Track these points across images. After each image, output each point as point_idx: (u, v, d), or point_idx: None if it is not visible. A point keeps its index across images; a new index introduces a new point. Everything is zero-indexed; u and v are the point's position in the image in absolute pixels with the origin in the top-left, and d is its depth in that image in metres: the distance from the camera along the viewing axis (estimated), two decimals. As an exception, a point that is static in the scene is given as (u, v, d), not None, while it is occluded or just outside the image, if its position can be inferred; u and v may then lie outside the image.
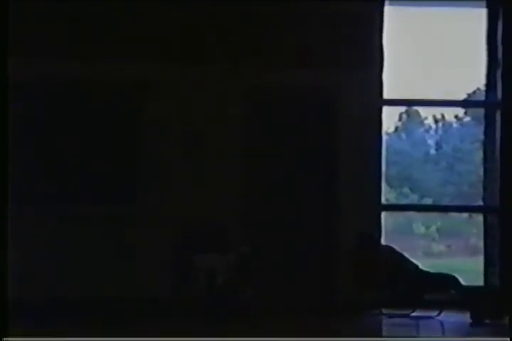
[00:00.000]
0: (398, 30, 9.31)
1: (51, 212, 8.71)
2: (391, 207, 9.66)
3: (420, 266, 8.51)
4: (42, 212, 8.69)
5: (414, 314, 8.30)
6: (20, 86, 8.42)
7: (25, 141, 8.58)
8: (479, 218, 9.63)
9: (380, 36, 9.24)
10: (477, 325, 7.89)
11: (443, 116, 10.33)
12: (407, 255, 8.59)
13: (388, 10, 9.29)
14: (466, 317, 8.04)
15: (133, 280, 8.56)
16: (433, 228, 10.54)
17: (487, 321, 7.96)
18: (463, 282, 8.41)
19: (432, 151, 10.41)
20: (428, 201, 10.14)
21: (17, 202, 8.21)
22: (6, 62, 5.27)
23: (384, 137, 9.41)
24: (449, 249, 10.65)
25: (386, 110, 9.40)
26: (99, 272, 8.57)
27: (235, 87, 8.96)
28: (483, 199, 9.60)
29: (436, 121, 10.36)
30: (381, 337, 7.60)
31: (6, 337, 4.91)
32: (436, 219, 10.42)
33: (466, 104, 10.02)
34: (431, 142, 10.41)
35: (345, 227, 8.90)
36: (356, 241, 8.53)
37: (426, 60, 9.41)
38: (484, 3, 9.50)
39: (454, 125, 10.38)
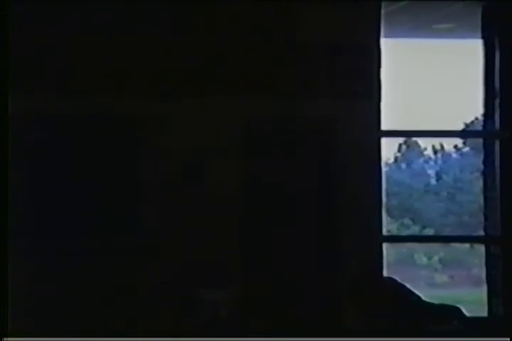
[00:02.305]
0: (396, 62, 9.36)
1: (46, 246, 8.68)
2: (393, 239, 9.64)
3: (423, 298, 8.45)
4: (37, 246, 8.66)
5: (418, 346, 8.22)
6: (16, 119, 8.49)
7: (21, 174, 8.62)
8: (481, 248, 9.60)
9: (379, 68, 9.28)
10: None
11: (442, 147, 10.37)
12: (409, 286, 8.52)
13: (386, 42, 9.34)
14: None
15: (132, 314, 8.51)
16: (435, 258, 10.51)
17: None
18: (466, 313, 8.34)
19: (433, 182, 10.42)
20: (430, 232, 10.13)
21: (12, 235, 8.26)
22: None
23: (384, 168, 9.41)
24: (451, 280, 10.60)
25: (385, 141, 9.41)
26: (97, 305, 8.53)
27: (233, 119, 8.97)
28: (485, 229, 9.57)
29: (435, 151, 10.38)
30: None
31: (6, 337, 4.85)
32: (439, 249, 10.40)
33: (464, 134, 10.04)
34: (431, 172, 10.43)
35: (346, 259, 8.86)
36: (358, 272, 8.47)
37: (424, 91, 9.46)
38: (480, 34, 9.56)
39: (454, 155, 10.41)
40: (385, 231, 9.36)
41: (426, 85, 9.40)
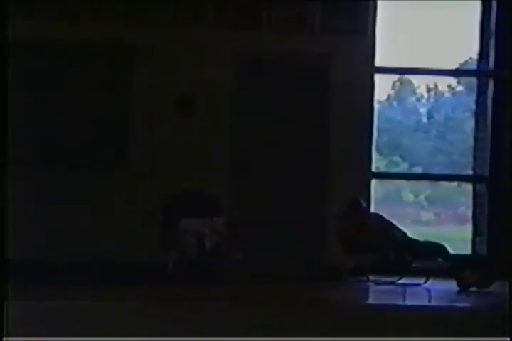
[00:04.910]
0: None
1: (42, 175, 8.74)
2: (381, 175, 9.69)
3: (408, 234, 8.55)
4: (29, 174, 8.70)
5: (401, 281, 8.35)
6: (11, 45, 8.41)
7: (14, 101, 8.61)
8: (468, 187, 9.68)
9: (374, 4, 9.20)
10: (463, 292, 7.99)
11: (435, 85, 10.33)
12: (395, 223, 8.62)
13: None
14: (452, 285, 8.11)
15: (120, 245, 8.61)
16: (422, 196, 10.59)
17: (473, 289, 8.04)
18: (450, 250, 8.46)
19: (424, 120, 10.41)
20: (418, 170, 10.16)
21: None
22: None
23: (376, 105, 9.41)
24: (437, 218, 10.70)
25: (379, 78, 9.39)
26: (87, 236, 8.62)
27: (226, 51, 8.91)
28: (473, 169, 9.64)
29: (428, 90, 10.35)
30: (367, 303, 7.69)
31: (7, 337, 4.89)
32: (426, 187, 10.46)
33: (458, 73, 10.00)
34: (423, 111, 10.41)
35: (335, 194, 8.93)
36: (345, 207, 8.55)
37: (420, 29, 9.38)
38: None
39: (446, 94, 10.38)
40: (373, 168, 9.42)
41: (422, 23, 9.31)
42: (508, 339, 5.65)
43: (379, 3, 9.22)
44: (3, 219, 5.22)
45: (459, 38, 9.50)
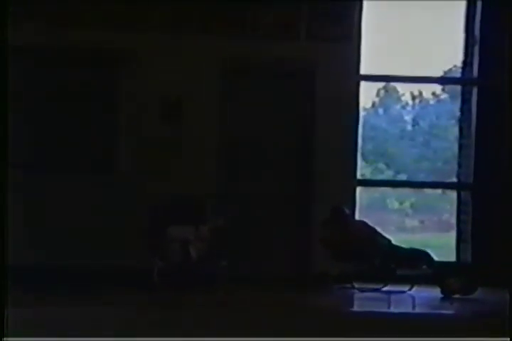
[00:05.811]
0: (377, 6, 9.31)
1: (29, 179, 8.72)
2: (366, 182, 9.72)
3: (393, 241, 8.57)
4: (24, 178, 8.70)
5: (385, 288, 8.37)
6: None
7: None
8: (453, 194, 9.73)
9: (360, 11, 9.24)
10: (447, 299, 8.02)
11: (420, 93, 10.37)
12: (380, 230, 8.64)
13: (368, -15, 9.28)
14: (437, 292, 8.14)
15: (107, 249, 8.60)
16: (407, 203, 10.61)
17: (457, 296, 8.08)
18: (435, 257, 8.49)
19: (409, 127, 10.46)
20: (403, 177, 10.19)
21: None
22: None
23: (361, 112, 9.45)
24: (422, 225, 10.72)
25: (364, 85, 9.43)
26: (75, 240, 8.60)
27: (212, 57, 8.94)
28: (457, 176, 9.69)
29: (413, 97, 10.39)
30: (352, 310, 7.71)
31: (6, 337, 4.88)
32: (411, 194, 10.49)
33: (443, 80, 10.07)
34: (407, 118, 10.45)
35: (320, 201, 8.95)
36: (329, 214, 8.56)
37: (405, 37, 9.43)
38: (463, -20, 9.51)
39: (431, 102, 10.42)
40: (359, 175, 9.45)
41: (407, 31, 9.37)
42: (508, 339, 5.70)
43: (364, 11, 9.27)
44: (3, 221, 5.19)
45: (444, 45, 9.55)
